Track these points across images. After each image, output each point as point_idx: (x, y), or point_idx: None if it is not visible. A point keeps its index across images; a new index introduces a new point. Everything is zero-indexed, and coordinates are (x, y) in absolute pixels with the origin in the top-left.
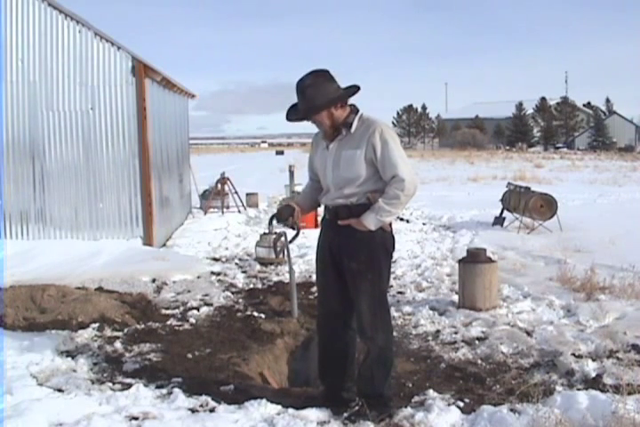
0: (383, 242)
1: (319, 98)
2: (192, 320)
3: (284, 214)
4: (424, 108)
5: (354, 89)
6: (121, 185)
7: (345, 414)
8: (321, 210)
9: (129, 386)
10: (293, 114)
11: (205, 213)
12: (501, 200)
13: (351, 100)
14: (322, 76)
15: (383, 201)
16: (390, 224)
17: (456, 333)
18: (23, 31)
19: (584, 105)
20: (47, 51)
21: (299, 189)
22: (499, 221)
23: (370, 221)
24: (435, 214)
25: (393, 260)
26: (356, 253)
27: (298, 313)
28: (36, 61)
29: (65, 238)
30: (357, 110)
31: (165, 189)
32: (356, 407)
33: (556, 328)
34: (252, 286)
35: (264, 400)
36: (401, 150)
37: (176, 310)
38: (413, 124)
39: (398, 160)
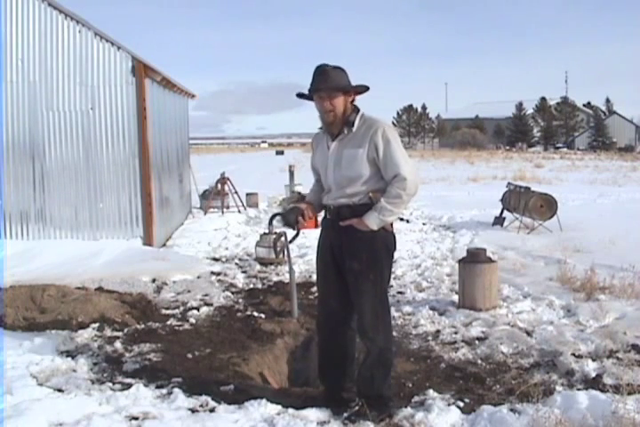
0: (385, 242)
1: (343, 81)
2: (192, 320)
3: (291, 218)
4: (424, 108)
5: (363, 88)
6: (121, 185)
7: (345, 414)
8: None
9: (129, 386)
10: (318, 84)
11: (205, 213)
12: (501, 200)
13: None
14: (340, 67)
15: (385, 200)
16: (391, 224)
17: (456, 333)
18: (23, 31)
19: (584, 105)
20: (47, 51)
21: (299, 189)
22: (499, 221)
23: (372, 221)
24: (435, 214)
25: (393, 260)
26: (358, 254)
27: (298, 313)
28: (36, 61)
29: (65, 238)
30: (358, 110)
31: (165, 189)
32: (356, 407)
33: (556, 328)
34: (252, 285)
35: (264, 400)
36: (403, 150)
37: (176, 310)
38: (413, 124)
39: (400, 159)
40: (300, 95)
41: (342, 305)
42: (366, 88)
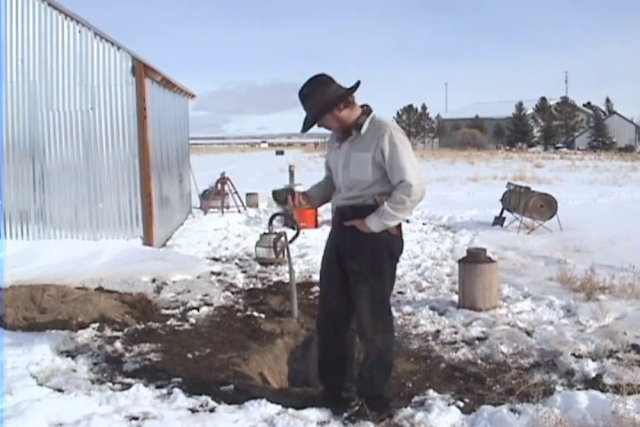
0: (388, 245)
1: (318, 104)
2: (192, 320)
3: (281, 196)
4: (424, 108)
5: (352, 87)
6: (121, 185)
7: (345, 414)
8: (321, 210)
9: (129, 386)
10: (304, 124)
11: (205, 213)
12: (501, 200)
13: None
14: (318, 81)
15: (388, 205)
16: (400, 226)
17: (456, 333)
18: (23, 31)
19: (584, 105)
20: (47, 51)
21: (299, 189)
22: (499, 221)
23: (373, 224)
24: (435, 214)
25: (397, 262)
26: (359, 255)
27: (298, 313)
28: (36, 61)
29: (65, 238)
30: (370, 111)
31: (165, 189)
32: (356, 407)
33: (556, 328)
34: (252, 285)
35: (264, 400)
36: (410, 154)
37: (176, 310)
38: (413, 124)
39: (406, 165)
40: (306, 128)
41: (343, 305)
42: (354, 87)
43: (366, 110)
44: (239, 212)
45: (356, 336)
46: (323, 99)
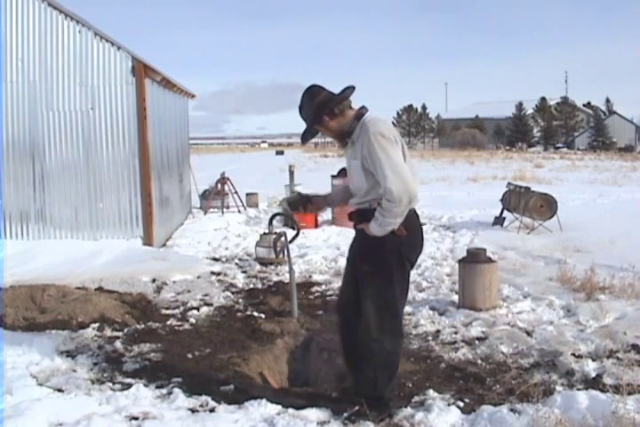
0: (395, 247)
1: (307, 118)
2: (192, 320)
3: (293, 205)
4: (424, 108)
5: (337, 96)
6: (121, 185)
7: (345, 415)
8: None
9: (129, 386)
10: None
11: (205, 213)
12: (501, 200)
13: (354, 99)
14: (306, 94)
15: (378, 211)
16: (409, 227)
17: (456, 333)
18: (23, 31)
19: (584, 105)
20: (47, 51)
21: (299, 189)
22: (499, 221)
23: (373, 228)
24: (435, 214)
25: (412, 263)
26: (367, 256)
27: (298, 313)
28: (36, 61)
29: (65, 238)
30: (361, 115)
31: (165, 189)
32: (356, 407)
33: (556, 328)
34: (252, 285)
35: (264, 400)
36: (390, 158)
37: (176, 310)
38: (413, 124)
39: (386, 170)
40: (303, 140)
41: (356, 299)
42: (339, 97)
43: (358, 114)
44: (239, 212)
45: None
46: (308, 115)
